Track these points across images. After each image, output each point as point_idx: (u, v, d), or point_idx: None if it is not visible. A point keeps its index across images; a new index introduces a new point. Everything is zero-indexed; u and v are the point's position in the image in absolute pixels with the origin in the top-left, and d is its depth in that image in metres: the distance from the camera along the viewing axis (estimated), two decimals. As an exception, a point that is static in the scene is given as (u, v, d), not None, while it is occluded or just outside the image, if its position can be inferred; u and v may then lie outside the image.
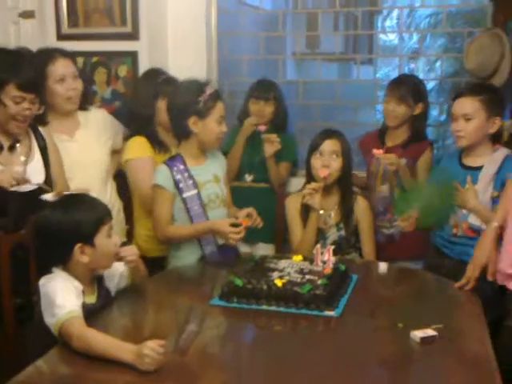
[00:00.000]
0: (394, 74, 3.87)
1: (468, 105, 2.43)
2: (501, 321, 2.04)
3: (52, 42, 3.32)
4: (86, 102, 2.79)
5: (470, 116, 2.42)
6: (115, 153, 2.82)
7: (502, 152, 2.46)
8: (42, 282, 1.83)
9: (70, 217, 1.83)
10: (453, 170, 2.54)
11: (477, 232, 2.39)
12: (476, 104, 2.42)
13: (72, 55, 2.70)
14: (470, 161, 2.51)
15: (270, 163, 3.02)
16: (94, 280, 1.93)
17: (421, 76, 4.20)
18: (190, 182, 2.44)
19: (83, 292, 1.84)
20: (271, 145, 2.99)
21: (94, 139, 2.72)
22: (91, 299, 1.88)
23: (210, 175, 2.51)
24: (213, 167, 2.54)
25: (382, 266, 2.44)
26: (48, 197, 2.00)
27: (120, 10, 3.30)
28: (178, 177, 2.42)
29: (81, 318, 1.71)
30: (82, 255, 1.83)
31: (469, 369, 1.62)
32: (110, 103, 3.35)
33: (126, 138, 2.81)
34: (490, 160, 2.44)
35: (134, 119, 2.79)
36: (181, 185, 2.42)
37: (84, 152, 2.66)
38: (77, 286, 1.83)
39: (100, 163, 2.72)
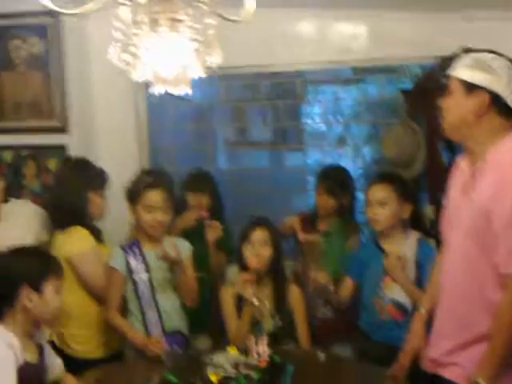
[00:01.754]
0: (325, 161, 4.02)
1: (382, 191, 2.59)
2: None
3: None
4: (7, 195, 2.73)
5: (385, 201, 2.57)
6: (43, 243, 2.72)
7: (414, 236, 2.59)
8: None
9: (20, 258, 1.85)
10: (370, 253, 2.64)
11: (402, 312, 2.46)
12: (389, 191, 2.58)
13: None
14: (386, 246, 2.61)
15: (212, 250, 3.03)
16: (33, 338, 1.85)
17: (348, 162, 4.38)
18: (142, 265, 2.55)
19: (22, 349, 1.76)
20: (213, 231, 3.01)
21: (16, 231, 2.63)
22: (32, 357, 1.81)
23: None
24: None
25: (320, 355, 2.41)
26: None
27: (48, 103, 3.32)
28: (131, 260, 2.54)
29: None
30: (27, 300, 1.79)
31: None
32: (39, 196, 3.31)
33: (55, 230, 2.71)
34: (405, 245, 2.55)
35: (67, 211, 2.69)
36: (133, 267, 2.54)
37: (6, 245, 2.57)
38: (13, 344, 1.73)
39: None
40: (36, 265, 1.87)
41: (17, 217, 2.70)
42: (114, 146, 3.46)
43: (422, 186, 3.18)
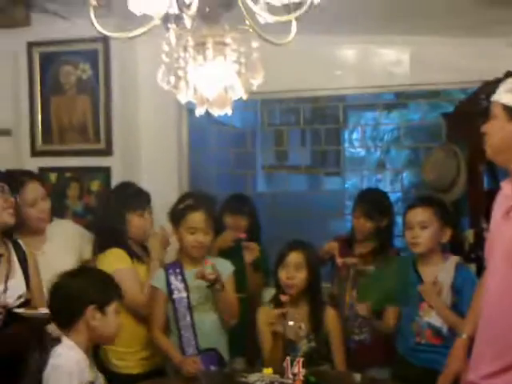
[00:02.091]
0: (363, 185, 4.02)
1: (423, 214, 2.57)
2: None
3: (26, 158, 3.40)
4: (52, 215, 2.81)
5: (426, 224, 2.54)
6: (85, 262, 2.80)
7: (454, 260, 2.56)
8: (57, 361, 1.87)
9: (89, 280, 2.03)
10: (410, 279, 2.60)
11: (440, 338, 2.42)
12: (430, 213, 2.56)
13: (40, 177, 2.77)
14: (422, 268, 2.58)
15: (249, 271, 3.07)
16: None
17: (387, 186, 4.37)
18: (182, 285, 2.62)
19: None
20: (251, 252, 3.05)
21: (61, 251, 2.72)
22: (91, 375, 1.95)
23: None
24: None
25: (355, 377, 2.39)
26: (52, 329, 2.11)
27: (94, 127, 3.41)
28: (172, 279, 2.61)
29: None
30: (92, 319, 1.93)
31: None
32: (81, 217, 3.38)
33: (98, 251, 2.79)
34: (443, 270, 2.52)
35: (107, 232, 2.79)
36: (172, 287, 2.60)
37: (52, 264, 2.62)
38: (81, 361, 1.88)
39: None
40: (103, 288, 2.02)
41: (61, 237, 2.78)
42: (156, 168, 3.53)
43: (462, 210, 3.15)
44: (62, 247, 2.74)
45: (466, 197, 3.11)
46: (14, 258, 2.40)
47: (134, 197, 2.81)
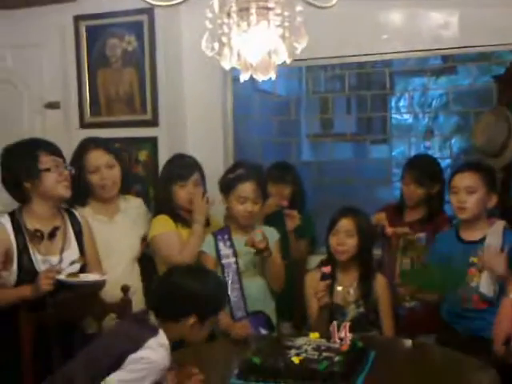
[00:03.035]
0: (411, 152, 3.97)
1: (470, 178, 2.52)
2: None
3: (75, 130, 3.48)
4: (126, 187, 2.88)
5: (473, 189, 2.49)
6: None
7: (500, 224, 2.50)
8: (150, 354, 1.79)
9: (205, 290, 1.91)
10: (450, 245, 2.57)
11: (487, 302, 2.39)
12: (476, 178, 2.51)
13: (106, 144, 2.80)
14: (467, 235, 2.54)
15: (291, 238, 3.09)
16: None
17: (436, 153, 4.29)
18: (230, 250, 2.69)
19: None
20: (292, 220, 3.07)
21: (130, 225, 2.82)
22: None
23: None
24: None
25: (406, 343, 2.40)
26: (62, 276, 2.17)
27: (140, 98, 3.46)
28: (221, 245, 2.68)
29: None
30: (190, 327, 1.88)
31: None
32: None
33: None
34: (491, 232, 2.47)
35: (156, 200, 2.95)
36: (221, 252, 2.68)
37: (120, 236, 2.76)
38: (167, 359, 1.84)
39: (132, 248, 2.81)
40: (215, 299, 1.97)
41: (134, 212, 2.87)
42: (201, 138, 3.56)
43: (513, 174, 3.07)
44: (132, 221, 2.83)
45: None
46: (70, 230, 2.48)
47: (178, 169, 2.88)
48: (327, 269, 2.50)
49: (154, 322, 1.89)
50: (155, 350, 1.81)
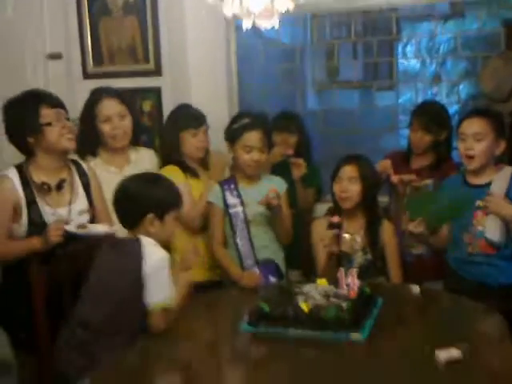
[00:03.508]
0: (418, 99, 3.92)
1: (478, 125, 2.48)
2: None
3: (78, 81, 3.44)
4: (136, 138, 2.88)
5: (481, 136, 2.46)
6: None
7: (508, 169, 2.49)
8: (154, 258, 1.96)
9: (152, 188, 2.06)
10: (457, 189, 2.56)
11: (495, 248, 2.39)
12: (485, 125, 2.47)
13: (119, 94, 2.77)
14: (474, 179, 2.53)
15: (298, 187, 3.09)
16: None
17: (443, 100, 4.23)
18: (238, 200, 2.70)
19: None
20: (298, 168, 3.06)
21: None
22: None
23: (259, 196, 2.64)
24: (265, 189, 2.66)
25: (414, 289, 2.41)
26: (71, 228, 2.21)
27: (143, 48, 3.41)
28: (228, 195, 2.70)
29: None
30: (150, 225, 2.01)
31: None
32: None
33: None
34: (497, 177, 2.46)
35: (162, 149, 2.93)
36: (228, 202, 2.70)
37: None
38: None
39: None
40: (165, 197, 2.07)
41: (144, 164, 2.82)
42: (204, 87, 3.52)
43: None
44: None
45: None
46: (78, 182, 2.48)
47: (188, 117, 2.87)
48: (335, 218, 2.50)
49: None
50: (157, 250, 1.98)
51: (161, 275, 1.95)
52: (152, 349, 1.93)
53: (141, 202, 2.02)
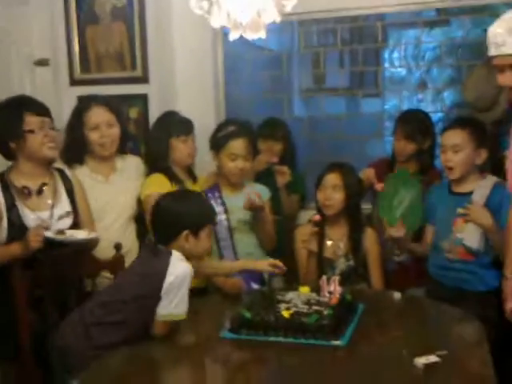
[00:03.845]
0: (403, 106, 3.95)
1: (457, 136, 2.53)
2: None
3: (65, 87, 3.45)
4: (124, 146, 2.87)
5: (459, 148, 2.51)
6: None
7: (491, 179, 2.52)
8: (179, 271, 2.00)
9: (187, 206, 2.13)
10: (441, 196, 2.61)
11: (473, 255, 2.44)
12: (464, 136, 2.52)
13: (108, 103, 2.77)
14: (457, 188, 2.58)
15: (283, 194, 3.11)
16: None
17: (428, 106, 4.27)
18: (222, 208, 2.70)
19: None
20: (282, 176, 3.08)
21: (127, 184, 2.80)
22: None
23: (242, 203, 2.67)
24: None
25: (395, 295, 2.45)
26: (49, 234, 2.22)
27: (130, 55, 3.42)
28: (212, 203, 2.63)
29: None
30: (185, 241, 2.07)
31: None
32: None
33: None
34: (479, 186, 2.50)
35: (150, 157, 2.91)
36: None
37: (116, 195, 2.75)
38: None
39: (128, 208, 2.80)
40: (200, 214, 2.14)
41: (131, 172, 2.84)
42: (191, 95, 3.53)
43: (504, 129, 3.07)
44: (127, 182, 2.81)
45: (508, 116, 3.02)
46: (61, 187, 2.49)
47: (177, 123, 2.87)
48: (317, 217, 2.55)
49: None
50: (182, 264, 2.03)
51: (178, 289, 1.99)
52: (134, 352, 1.94)
53: (177, 220, 2.09)
